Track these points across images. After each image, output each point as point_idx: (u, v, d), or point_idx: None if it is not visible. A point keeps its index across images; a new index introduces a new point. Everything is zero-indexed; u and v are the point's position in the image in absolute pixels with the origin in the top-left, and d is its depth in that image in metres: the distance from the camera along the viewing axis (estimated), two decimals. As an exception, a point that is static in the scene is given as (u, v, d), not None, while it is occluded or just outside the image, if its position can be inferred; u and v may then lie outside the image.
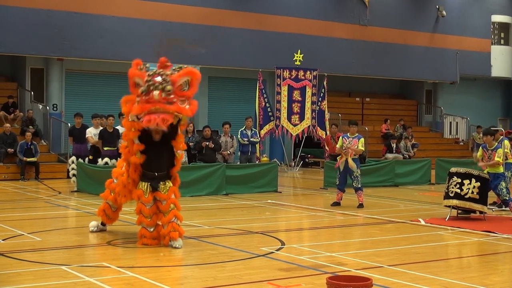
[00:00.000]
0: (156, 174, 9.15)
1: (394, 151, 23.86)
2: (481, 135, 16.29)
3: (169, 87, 8.69)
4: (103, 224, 10.26)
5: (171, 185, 9.26)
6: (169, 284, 7.11)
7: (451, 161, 20.24)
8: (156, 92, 8.61)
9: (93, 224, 10.27)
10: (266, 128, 22.39)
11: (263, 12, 25.57)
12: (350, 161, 13.74)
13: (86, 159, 16.66)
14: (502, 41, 32.43)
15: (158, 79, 8.70)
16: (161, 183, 9.14)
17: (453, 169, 12.41)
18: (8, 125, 20.63)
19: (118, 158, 16.19)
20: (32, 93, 22.99)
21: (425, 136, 30.63)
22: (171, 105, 8.74)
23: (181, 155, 9.70)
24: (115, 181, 9.82)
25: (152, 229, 9.19)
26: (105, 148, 16.41)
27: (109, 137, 16.51)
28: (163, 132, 9.00)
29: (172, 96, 8.76)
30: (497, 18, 31.96)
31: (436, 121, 32.63)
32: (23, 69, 23.40)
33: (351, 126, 14.22)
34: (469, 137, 31.71)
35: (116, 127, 16.80)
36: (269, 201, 14.90)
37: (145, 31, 23.21)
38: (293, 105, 22.85)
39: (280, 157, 24.50)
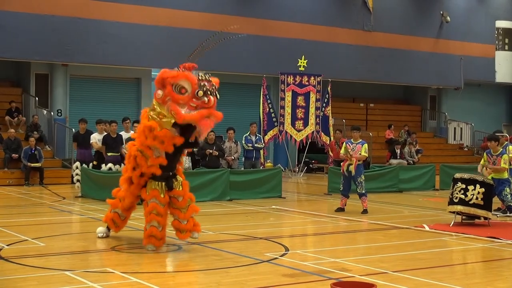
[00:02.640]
0: (171, 173, 9.19)
1: (398, 157, 23.86)
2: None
3: (217, 94, 8.85)
4: (108, 229, 10.23)
5: (182, 179, 9.32)
6: (173, 289, 7.10)
7: (455, 166, 20.22)
8: (213, 98, 8.70)
9: (101, 230, 10.21)
10: (270, 133, 22.36)
11: (267, 18, 25.59)
12: (352, 168, 13.76)
13: (90, 164, 16.65)
14: (506, 47, 32.36)
15: (207, 84, 8.72)
16: (174, 180, 9.21)
17: (457, 175, 12.37)
18: (12, 130, 20.65)
19: (122, 164, 16.32)
20: (37, 98, 23.03)
21: (429, 141, 30.62)
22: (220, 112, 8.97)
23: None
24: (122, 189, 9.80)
25: (161, 228, 9.14)
26: (109, 154, 16.42)
27: (113, 142, 16.53)
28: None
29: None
30: (501, 23, 31.94)
31: (440, 126, 32.60)
32: (28, 75, 23.44)
33: (354, 132, 14.23)
34: (474, 143, 31.73)
35: (120, 133, 16.85)
36: (273, 206, 14.89)
37: (149, 36, 23.23)
38: (297, 111, 22.83)
39: (284, 162, 24.48)
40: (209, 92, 8.66)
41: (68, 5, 21.95)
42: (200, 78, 8.72)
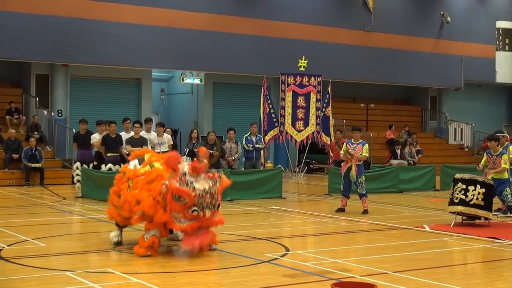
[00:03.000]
0: None
1: (398, 157, 23.86)
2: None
3: (219, 205, 8.75)
4: (120, 230, 9.93)
5: None
6: (174, 290, 7.10)
7: (455, 167, 20.18)
8: (208, 213, 8.56)
9: (114, 234, 9.94)
10: (271, 134, 22.36)
11: (268, 18, 25.62)
12: (353, 169, 13.76)
13: (91, 165, 16.66)
14: (506, 47, 32.39)
15: (208, 198, 8.53)
16: None
17: (457, 175, 12.36)
18: (13, 130, 20.69)
19: (122, 164, 16.30)
20: (37, 99, 23.06)
21: (429, 142, 30.62)
22: (216, 218, 8.82)
23: None
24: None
25: (159, 239, 9.07)
26: (108, 154, 16.42)
27: (112, 143, 16.52)
28: None
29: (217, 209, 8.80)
30: (501, 24, 31.96)
31: (440, 127, 32.62)
32: (28, 75, 23.47)
33: (354, 132, 14.21)
34: (474, 143, 31.73)
35: (120, 133, 16.85)
36: (274, 207, 14.89)
37: (150, 37, 23.26)
38: (298, 111, 22.82)
39: (284, 163, 24.48)
40: (205, 207, 8.52)
41: (68, 6, 21.99)
42: (200, 193, 8.47)
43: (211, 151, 16.99)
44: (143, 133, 16.68)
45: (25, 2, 21.39)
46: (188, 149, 18.18)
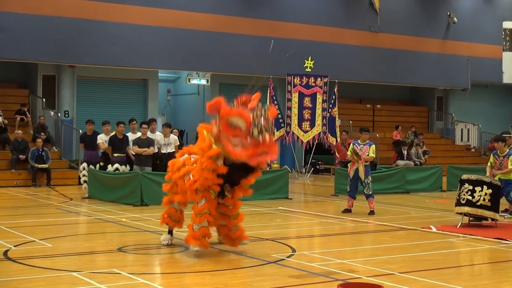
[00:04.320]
0: (227, 185, 9.00)
1: (405, 158, 23.82)
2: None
3: (273, 129, 8.66)
4: (171, 233, 9.85)
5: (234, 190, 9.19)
6: (180, 290, 7.16)
7: (462, 168, 20.21)
8: (268, 136, 8.33)
9: (165, 238, 9.78)
10: (277, 134, 22.35)
11: (274, 19, 25.63)
12: (361, 169, 13.77)
13: (97, 165, 16.70)
14: (513, 48, 32.39)
15: (263, 120, 8.33)
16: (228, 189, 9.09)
17: (464, 176, 12.35)
18: (20, 131, 20.75)
19: (128, 165, 16.34)
20: (44, 100, 23.12)
21: (436, 143, 30.62)
22: (275, 145, 8.73)
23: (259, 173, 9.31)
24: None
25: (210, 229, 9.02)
26: (115, 155, 16.42)
27: (119, 143, 16.54)
28: None
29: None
30: (508, 24, 31.83)
31: (447, 127, 32.61)
32: (35, 76, 23.53)
33: (362, 133, 14.18)
34: (481, 144, 31.68)
35: (126, 134, 16.89)
36: (280, 207, 14.89)
37: (156, 38, 23.29)
38: (304, 112, 22.83)
39: (290, 163, 24.48)
40: (264, 130, 8.30)
41: (75, 7, 22.03)
42: (255, 115, 8.35)
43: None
44: (147, 134, 16.72)
45: (32, 4, 21.44)
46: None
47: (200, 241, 8.71)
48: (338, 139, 22.05)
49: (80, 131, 20.06)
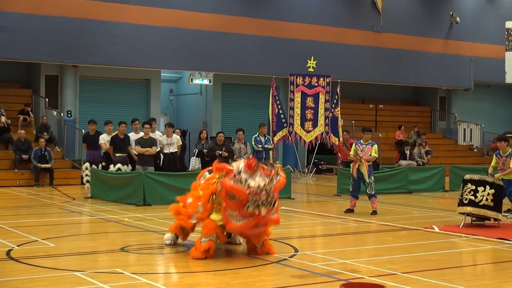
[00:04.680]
0: None
1: (407, 158, 23.84)
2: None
3: (275, 202, 8.58)
4: (176, 236, 9.80)
5: None
6: (183, 290, 7.18)
7: (465, 168, 20.18)
8: (264, 211, 8.41)
9: (168, 237, 9.78)
10: (279, 134, 22.38)
11: (277, 19, 25.68)
12: (364, 169, 13.78)
13: (100, 165, 16.74)
14: (516, 48, 32.35)
15: (264, 195, 8.38)
16: None
17: (467, 176, 12.33)
18: (23, 131, 20.83)
19: (130, 164, 16.35)
20: (47, 99, 23.20)
21: (438, 142, 30.62)
22: (273, 216, 8.68)
23: None
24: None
25: (218, 243, 9.04)
26: (117, 155, 16.48)
27: (120, 143, 16.59)
28: None
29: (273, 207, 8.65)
30: (511, 24, 31.80)
31: (450, 127, 32.62)
32: (38, 76, 23.59)
33: (365, 133, 14.19)
34: (483, 144, 31.64)
35: (129, 134, 16.92)
36: (283, 207, 14.84)
37: (159, 38, 23.35)
38: (307, 112, 22.83)
39: (293, 163, 24.49)
40: (261, 205, 8.38)
41: (78, 7, 22.09)
42: (254, 191, 8.35)
43: (220, 152, 17.03)
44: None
45: (36, 4, 21.50)
46: (197, 150, 18.23)
47: (202, 254, 8.71)
48: (341, 139, 22.06)
49: (83, 131, 20.05)
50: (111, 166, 16.32)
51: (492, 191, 11.87)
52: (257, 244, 9.04)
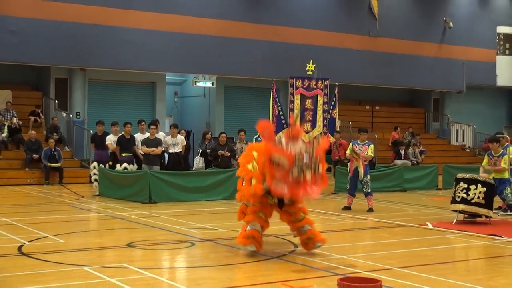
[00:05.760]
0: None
1: (402, 158, 24.03)
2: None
3: (319, 167, 8.22)
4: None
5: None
6: (187, 284, 7.31)
7: (457, 167, 20.37)
8: (309, 176, 8.09)
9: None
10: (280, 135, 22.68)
11: (278, 24, 25.84)
12: (361, 168, 14.11)
13: (107, 164, 17.00)
14: (507, 52, 32.45)
15: (307, 159, 8.08)
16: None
17: (459, 175, 12.55)
18: (33, 132, 20.98)
19: (135, 164, 16.55)
20: (56, 101, 23.39)
21: (432, 143, 30.72)
22: (319, 185, 8.34)
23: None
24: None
25: (261, 232, 8.97)
26: (123, 154, 16.73)
27: (127, 143, 16.86)
28: None
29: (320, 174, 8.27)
30: (502, 29, 31.99)
31: (443, 128, 32.75)
32: (48, 79, 23.80)
33: (361, 134, 14.50)
34: (476, 144, 31.93)
35: (135, 135, 17.17)
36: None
37: (164, 42, 23.51)
38: (305, 113, 23.12)
39: (293, 163, 24.72)
40: (305, 168, 8.04)
41: (86, 13, 22.26)
42: (298, 153, 8.07)
43: (222, 152, 17.46)
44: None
45: (46, 10, 21.67)
46: (201, 150, 18.57)
47: (249, 240, 8.63)
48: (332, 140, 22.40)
49: (91, 131, 20.25)
50: (118, 165, 16.53)
51: (484, 189, 12.07)
52: (299, 230, 8.90)
